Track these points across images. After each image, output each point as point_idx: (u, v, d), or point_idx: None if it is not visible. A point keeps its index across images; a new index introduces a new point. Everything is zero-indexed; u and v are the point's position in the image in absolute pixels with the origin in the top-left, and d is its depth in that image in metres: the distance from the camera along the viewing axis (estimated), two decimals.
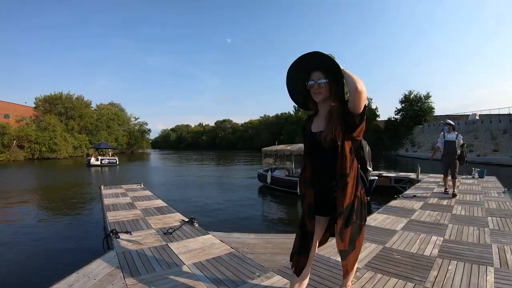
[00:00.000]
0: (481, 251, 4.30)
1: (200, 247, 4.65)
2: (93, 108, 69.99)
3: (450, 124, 8.94)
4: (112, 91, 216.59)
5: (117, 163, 34.67)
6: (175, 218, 6.57)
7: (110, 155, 37.21)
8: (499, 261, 3.94)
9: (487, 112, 40.82)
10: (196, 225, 5.93)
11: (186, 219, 6.29)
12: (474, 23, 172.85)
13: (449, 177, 9.05)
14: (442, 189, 9.50)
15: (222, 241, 4.95)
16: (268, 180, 14.37)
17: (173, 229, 5.54)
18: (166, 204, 8.15)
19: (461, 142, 8.76)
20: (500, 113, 38.17)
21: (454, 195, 8.53)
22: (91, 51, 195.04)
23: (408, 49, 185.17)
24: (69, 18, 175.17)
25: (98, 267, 3.79)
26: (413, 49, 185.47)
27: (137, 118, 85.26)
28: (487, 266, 3.74)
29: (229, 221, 9.21)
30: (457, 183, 9.31)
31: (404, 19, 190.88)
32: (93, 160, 33.01)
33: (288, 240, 5.03)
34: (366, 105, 2.08)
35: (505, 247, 4.43)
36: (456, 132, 8.92)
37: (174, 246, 4.69)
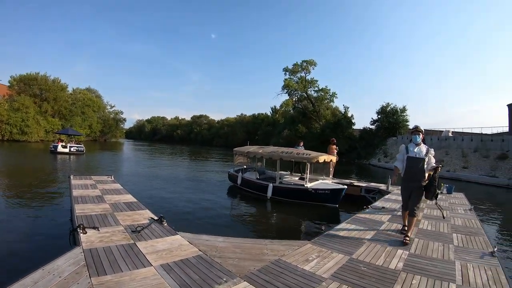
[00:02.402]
0: (444, 267, 4.45)
1: (168, 248, 4.61)
2: (68, 92, 67.92)
3: (418, 132, 5.89)
4: (91, 76, 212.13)
5: (84, 151, 33.15)
6: (144, 216, 6.49)
7: (76, 142, 35.38)
8: (461, 278, 4.10)
9: (461, 130, 42.05)
10: (165, 224, 5.87)
11: (155, 217, 6.23)
12: (450, 44, 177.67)
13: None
14: None
15: (190, 242, 4.93)
16: (239, 181, 14.32)
17: (142, 227, 5.49)
18: (135, 200, 8.04)
19: (433, 162, 5.74)
20: (473, 131, 39.60)
21: (405, 242, 5.51)
22: (71, 33, 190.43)
23: (389, 63, 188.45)
24: None
25: (64, 264, 3.71)
26: (394, 63, 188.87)
27: (113, 106, 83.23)
28: (450, 283, 3.88)
29: (198, 222, 9.10)
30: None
31: (389, 34, 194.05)
32: (60, 147, 30.73)
33: (257, 246, 5.04)
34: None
35: (468, 264, 4.60)
36: (426, 146, 5.84)
37: (142, 246, 4.63)
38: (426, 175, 5.72)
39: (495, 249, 5.31)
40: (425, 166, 5.70)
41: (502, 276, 4.20)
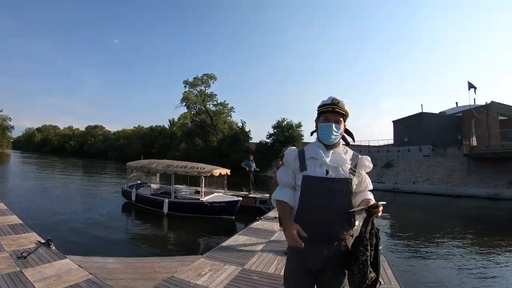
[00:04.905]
0: None
1: (57, 274, 4.29)
2: None
3: (336, 113, 2.08)
4: None
5: None
6: (31, 239, 5.88)
7: None
8: None
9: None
10: (53, 248, 5.43)
11: (43, 241, 5.71)
12: (345, 70, 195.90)
13: None
14: None
15: (80, 266, 4.65)
16: (133, 197, 13.70)
17: (28, 253, 4.98)
18: (21, 222, 7.22)
19: (369, 187, 2.18)
20: (361, 144, 44.62)
21: None
22: None
23: (285, 78, 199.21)
24: None
25: None
26: (289, 80, 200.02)
27: (0, 111, 73.07)
28: None
29: (89, 242, 8.53)
30: None
31: (285, 50, 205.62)
32: None
33: (147, 265, 4.94)
34: None
35: None
36: (352, 151, 2.21)
37: (29, 273, 4.23)
38: (357, 222, 2.13)
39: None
40: (352, 198, 2.09)
41: (388, 271, 4.78)
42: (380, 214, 1.88)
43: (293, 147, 2.33)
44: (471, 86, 31.67)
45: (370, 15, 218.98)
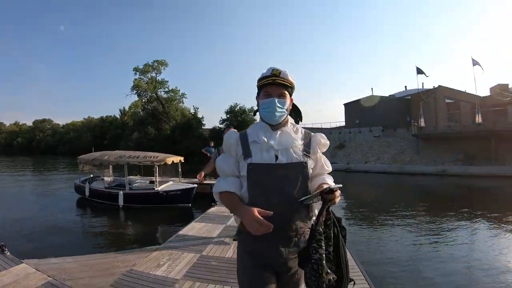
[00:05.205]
0: None
1: (14, 280, 4.20)
2: None
3: (280, 84, 1.72)
4: None
5: None
6: None
7: None
8: None
9: (305, 126, 47.67)
10: (8, 254, 5.24)
11: None
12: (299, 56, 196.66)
13: None
14: None
15: (37, 269, 4.56)
16: (87, 192, 13.38)
17: None
18: None
19: (328, 169, 1.91)
20: (313, 127, 45.28)
21: None
22: None
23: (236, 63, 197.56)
24: None
25: None
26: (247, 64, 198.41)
27: None
28: None
29: (45, 244, 8.27)
30: None
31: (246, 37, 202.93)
32: None
33: (106, 260, 4.98)
34: None
35: None
36: (303, 128, 1.89)
37: None
38: (316, 211, 1.72)
39: None
40: (309, 183, 1.74)
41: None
42: (338, 200, 1.58)
43: (234, 130, 2.06)
44: (419, 71, 33.67)
45: None
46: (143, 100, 60.26)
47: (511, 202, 13.37)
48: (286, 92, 1.76)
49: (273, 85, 1.72)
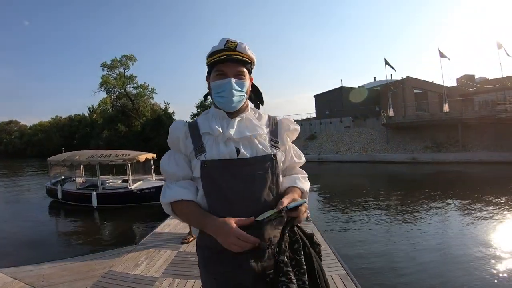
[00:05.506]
0: None
1: None
2: None
3: (236, 60, 1.31)
4: None
5: None
6: None
7: None
8: None
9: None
10: None
11: None
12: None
13: None
14: None
15: (14, 278, 4.55)
16: (59, 195, 13.03)
17: None
18: None
19: (301, 161, 1.62)
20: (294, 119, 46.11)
21: None
22: None
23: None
24: None
25: None
26: None
27: None
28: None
29: (20, 251, 8.03)
30: None
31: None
32: None
33: (83, 263, 5.01)
34: None
35: None
36: (266, 114, 1.51)
37: None
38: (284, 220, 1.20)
39: (309, 214, 6.46)
40: (279, 180, 1.36)
41: (318, 235, 5.34)
42: (304, 215, 1.22)
43: (181, 120, 1.46)
44: (387, 63, 34.36)
45: None
46: (112, 97, 58.97)
47: (477, 186, 14.10)
48: (245, 70, 1.35)
49: (228, 61, 1.30)
